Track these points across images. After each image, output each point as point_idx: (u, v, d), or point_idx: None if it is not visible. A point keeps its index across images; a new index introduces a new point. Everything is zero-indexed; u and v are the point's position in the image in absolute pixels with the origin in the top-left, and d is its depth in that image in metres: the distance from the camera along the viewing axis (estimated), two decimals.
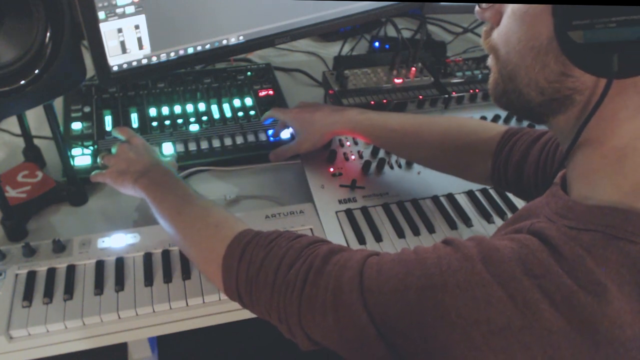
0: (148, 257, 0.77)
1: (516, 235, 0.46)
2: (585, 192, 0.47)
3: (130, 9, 0.78)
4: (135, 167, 0.79)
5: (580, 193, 0.47)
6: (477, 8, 0.52)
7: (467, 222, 0.86)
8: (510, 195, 0.91)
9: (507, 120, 1.06)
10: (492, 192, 0.92)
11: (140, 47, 0.82)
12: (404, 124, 0.86)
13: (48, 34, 0.65)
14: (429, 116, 0.92)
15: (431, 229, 0.84)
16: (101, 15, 0.75)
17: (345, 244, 0.81)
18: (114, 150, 0.85)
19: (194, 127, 0.99)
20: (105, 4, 0.75)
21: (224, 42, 0.90)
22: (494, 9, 0.50)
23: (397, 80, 1.09)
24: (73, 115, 0.99)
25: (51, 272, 0.74)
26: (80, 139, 0.95)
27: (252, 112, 1.04)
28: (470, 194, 0.91)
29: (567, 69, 0.44)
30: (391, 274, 0.48)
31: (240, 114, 1.03)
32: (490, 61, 0.52)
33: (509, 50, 0.48)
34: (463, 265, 0.45)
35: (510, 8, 0.47)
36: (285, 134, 0.99)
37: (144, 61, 0.84)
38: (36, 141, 0.93)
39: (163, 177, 0.76)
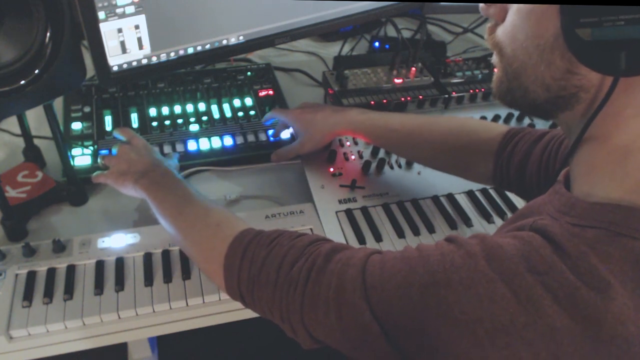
0: (148, 257, 0.77)
1: (519, 232, 0.46)
2: (588, 189, 0.47)
3: (130, 9, 0.78)
4: (136, 168, 0.79)
5: (583, 190, 0.47)
6: (481, 6, 0.52)
7: (467, 222, 0.86)
8: (511, 195, 0.91)
9: (507, 120, 1.06)
10: (492, 192, 0.92)
11: (140, 47, 0.82)
12: (405, 123, 0.86)
13: (48, 34, 0.65)
14: (430, 116, 0.92)
15: (431, 229, 0.84)
16: (101, 15, 0.75)
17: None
18: (114, 150, 0.85)
19: (194, 127, 0.99)
20: (105, 4, 0.75)
21: (224, 42, 0.90)
22: (498, 6, 0.50)
23: (397, 80, 1.09)
24: (73, 115, 0.99)
25: (51, 272, 0.74)
26: (80, 139, 0.95)
27: (252, 112, 1.04)
28: (470, 194, 0.91)
29: (573, 66, 0.44)
30: (394, 271, 0.48)
31: (240, 114, 1.03)
32: (494, 58, 0.52)
33: (515, 47, 0.48)
34: (466, 262, 0.45)
35: (515, 5, 0.47)
36: (285, 134, 0.99)
37: (144, 61, 0.84)
38: (36, 141, 0.93)
39: (164, 178, 0.76)
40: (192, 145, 0.96)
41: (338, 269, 0.51)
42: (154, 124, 0.99)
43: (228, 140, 0.97)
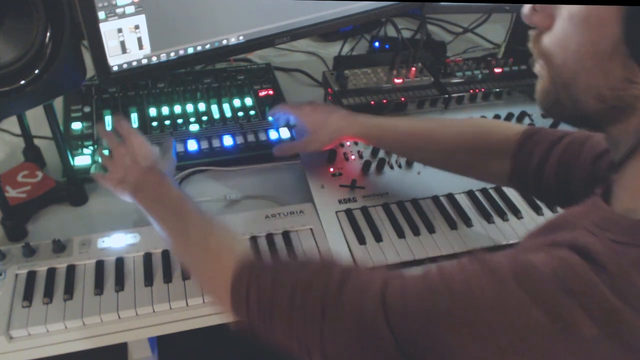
0: (148, 257, 0.77)
1: (553, 249, 0.43)
2: (632, 205, 0.44)
3: (130, 9, 0.78)
4: (132, 178, 0.76)
5: (627, 206, 0.45)
6: (524, 11, 0.48)
7: (467, 222, 0.86)
8: (511, 195, 0.91)
9: (507, 120, 1.06)
10: (492, 192, 0.92)
11: (140, 47, 0.82)
12: (414, 127, 0.85)
13: (48, 34, 0.65)
14: (441, 119, 0.90)
15: (431, 229, 0.84)
16: (101, 15, 0.75)
17: (345, 244, 0.81)
18: (106, 152, 0.83)
19: (194, 127, 0.99)
20: (105, 4, 0.75)
21: (224, 42, 0.90)
22: (544, 13, 0.47)
23: (397, 80, 1.09)
24: (73, 115, 0.99)
25: (51, 272, 0.74)
26: (80, 139, 0.95)
27: (252, 112, 1.04)
28: (470, 194, 0.91)
29: (634, 75, 0.42)
30: (417, 299, 0.46)
31: (240, 114, 1.03)
32: (538, 68, 0.50)
33: (567, 56, 0.45)
34: (494, 284, 0.42)
35: (567, 11, 0.44)
36: (285, 133, 0.99)
37: (144, 61, 0.84)
38: (36, 141, 0.93)
39: (159, 190, 0.73)
40: (192, 145, 0.96)
41: (356, 300, 0.49)
42: (154, 124, 0.99)
43: (228, 140, 0.97)
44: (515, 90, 1.11)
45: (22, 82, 0.66)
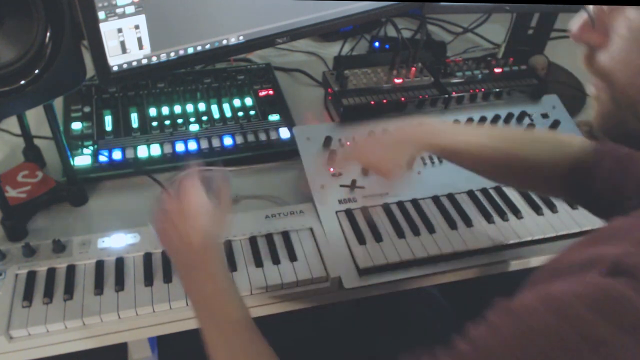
0: (148, 257, 0.77)
1: (587, 279, 0.40)
2: None
3: (130, 9, 0.78)
4: (176, 242, 0.64)
5: None
6: (573, 30, 0.46)
7: (467, 222, 0.86)
8: (511, 196, 0.91)
9: (507, 120, 1.06)
10: (492, 192, 0.92)
11: (140, 47, 0.82)
12: (499, 144, 0.75)
13: (48, 34, 0.66)
14: (513, 130, 0.83)
15: (431, 229, 0.84)
16: (101, 15, 0.75)
17: (345, 244, 0.81)
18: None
19: (194, 127, 0.99)
20: (105, 4, 0.75)
21: (224, 42, 0.90)
22: (599, 31, 0.44)
23: (397, 80, 1.09)
24: (73, 115, 0.99)
25: (51, 272, 0.74)
26: (80, 139, 0.95)
27: (252, 112, 1.04)
28: (470, 194, 0.91)
29: None
30: None
31: (240, 114, 1.03)
32: (595, 91, 0.47)
33: (630, 74, 0.43)
34: (535, 340, 0.39)
35: (627, 28, 0.42)
36: (285, 134, 0.99)
37: (144, 61, 0.84)
38: (36, 141, 0.93)
39: (200, 279, 0.64)
40: (192, 145, 0.96)
41: None
42: (154, 124, 0.99)
43: (228, 140, 0.97)
44: (515, 90, 1.11)
45: (22, 82, 0.66)
